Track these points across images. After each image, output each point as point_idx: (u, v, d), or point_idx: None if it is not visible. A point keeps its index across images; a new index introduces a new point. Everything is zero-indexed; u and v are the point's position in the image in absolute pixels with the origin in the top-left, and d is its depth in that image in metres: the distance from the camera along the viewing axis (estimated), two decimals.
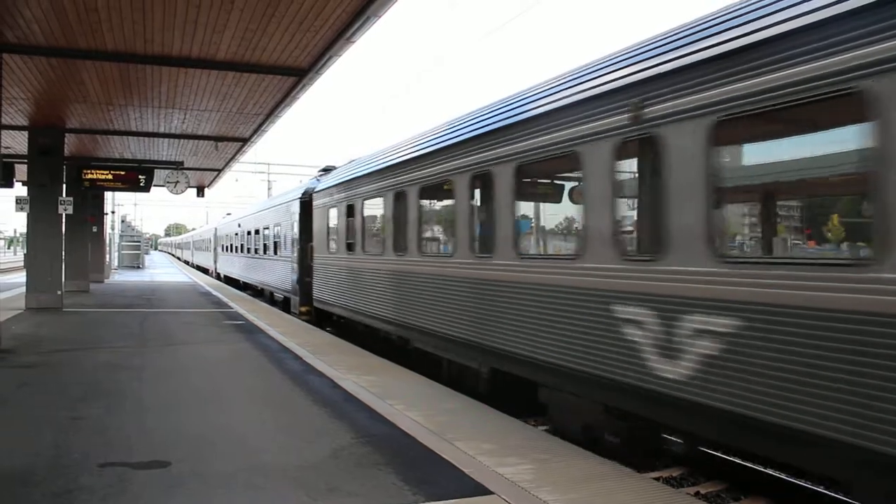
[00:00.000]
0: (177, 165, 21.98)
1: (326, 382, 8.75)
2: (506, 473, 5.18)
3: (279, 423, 6.71)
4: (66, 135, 17.69)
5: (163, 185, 22.72)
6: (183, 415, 6.99)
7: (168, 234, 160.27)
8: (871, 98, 3.99)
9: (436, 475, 5.16)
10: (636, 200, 6.47)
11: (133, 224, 67.60)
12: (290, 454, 5.65)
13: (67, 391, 7.91)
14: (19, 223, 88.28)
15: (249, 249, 27.57)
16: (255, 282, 26.46)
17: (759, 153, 6.29)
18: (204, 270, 47.27)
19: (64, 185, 17.89)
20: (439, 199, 10.47)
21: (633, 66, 5.98)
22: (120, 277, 34.69)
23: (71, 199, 17.26)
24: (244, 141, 18.84)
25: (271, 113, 15.18)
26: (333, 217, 14.90)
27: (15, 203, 16.71)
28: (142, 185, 20.53)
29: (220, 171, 25.65)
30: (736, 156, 6.01)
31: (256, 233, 25.81)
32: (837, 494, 6.06)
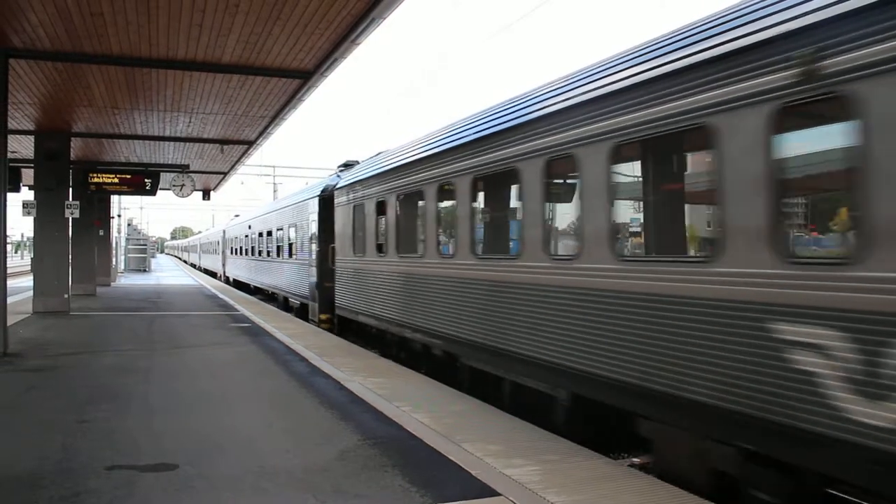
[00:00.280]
0: (182, 169, 22.04)
1: (333, 384, 8.75)
2: (513, 475, 5.17)
3: (286, 426, 6.71)
4: (73, 139, 17.75)
5: (169, 189, 22.83)
6: (190, 417, 6.99)
7: (174, 238, 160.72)
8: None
9: (443, 477, 5.15)
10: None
11: (139, 227, 67.87)
12: (297, 456, 5.65)
13: (75, 394, 7.93)
14: (26, 227, 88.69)
15: (261, 252, 26.30)
16: (267, 286, 25.17)
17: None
18: (212, 274, 46.73)
19: (70, 189, 17.98)
20: (502, 191, 9.12)
21: None
22: (126, 281, 34.80)
23: (77, 202, 17.34)
24: (250, 144, 18.87)
25: (277, 115, 15.20)
26: (360, 215, 13.35)
27: (22, 207, 16.77)
28: (148, 188, 20.64)
29: (225, 174, 25.70)
30: None
31: (269, 234, 24.46)
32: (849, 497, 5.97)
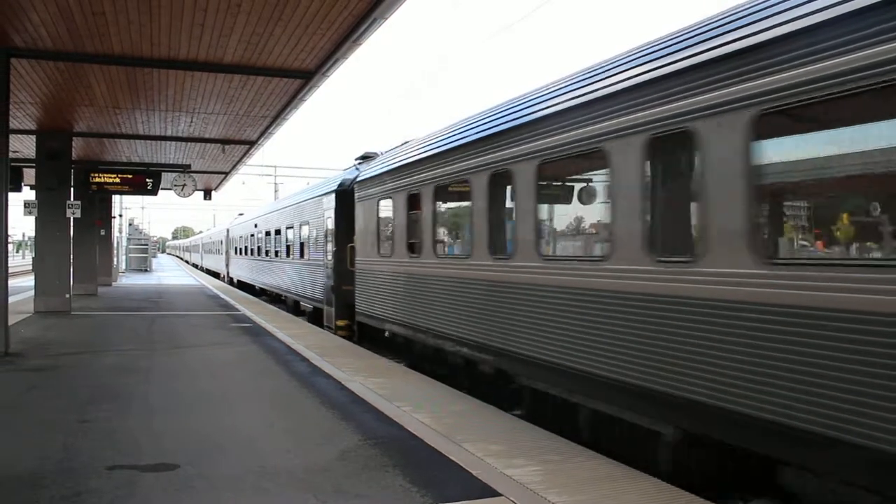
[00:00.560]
0: (184, 168, 22.05)
1: (334, 384, 8.75)
2: (514, 475, 5.16)
3: (287, 426, 6.70)
4: (74, 138, 17.77)
5: (170, 189, 22.84)
6: (191, 417, 6.99)
7: (175, 237, 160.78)
8: None
9: (443, 477, 5.14)
10: None
11: (140, 227, 67.93)
12: (298, 456, 5.65)
13: (76, 394, 7.93)
14: (28, 227, 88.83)
15: (268, 252, 24.91)
16: (274, 288, 23.85)
17: None
18: (215, 275, 45.72)
19: (72, 189, 17.98)
20: (578, 178, 7.91)
21: None
22: (128, 281, 34.82)
23: (79, 202, 17.33)
24: (251, 144, 18.88)
25: (278, 115, 15.21)
26: (387, 211, 11.91)
27: (23, 207, 16.78)
28: (149, 188, 20.65)
29: (227, 174, 25.71)
30: None
31: (277, 233, 23.07)
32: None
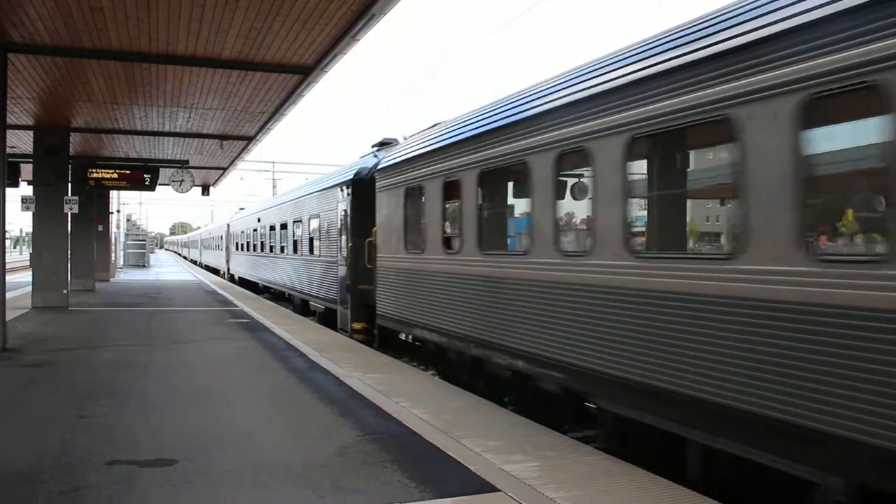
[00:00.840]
0: (182, 164, 22.02)
1: (332, 380, 8.76)
2: (512, 471, 5.17)
3: (285, 421, 6.71)
4: (72, 134, 17.74)
5: (168, 184, 22.80)
6: (189, 412, 6.99)
7: (173, 233, 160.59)
8: None
9: (442, 472, 5.15)
10: None
11: (138, 223, 67.83)
12: (296, 452, 5.65)
13: (74, 389, 7.93)
14: (25, 222, 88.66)
15: (273, 248, 23.59)
16: (280, 286, 22.53)
17: None
18: (214, 271, 44.50)
19: (69, 185, 17.95)
20: (675, 158, 6.81)
21: None
22: (125, 276, 34.78)
23: (76, 198, 17.34)
24: (249, 139, 18.86)
25: (276, 111, 15.19)
26: (416, 201, 10.60)
27: (21, 202, 16.77)
28: (147, 183, 20.61)
29: (225, 169, 25.69)
30: None
31: (283, 227, 21.82)
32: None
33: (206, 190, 28.90)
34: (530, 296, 7.44)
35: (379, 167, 12.45)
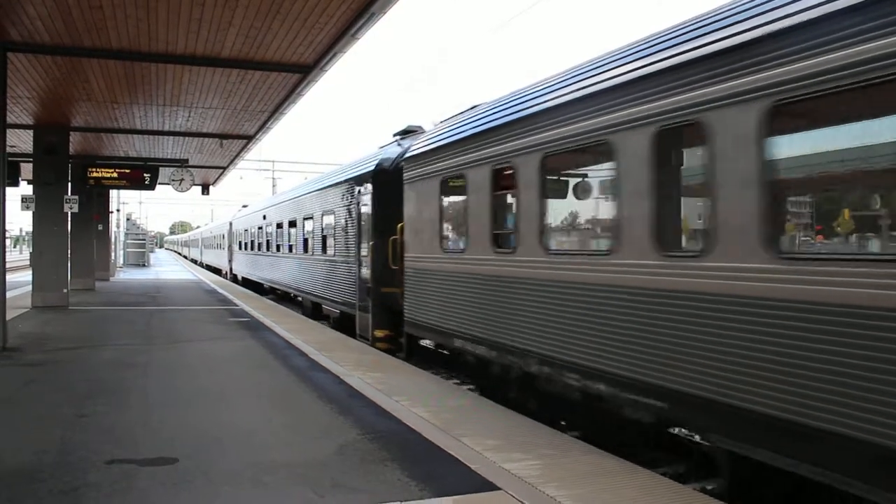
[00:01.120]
0: (182, 163, 22.00)
1: (332, 379, 8.75)
2: (512, 469, 5.16)
3: (285, 420, 6.70)
4: (72, 133, 17.74)
5: (168, 183, 22.78)
6: (189, 412, 6.99)
7: (173, 232, 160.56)
8: None
9: (442, 471, 5.14)
10: None
11: (138, 222, 67.81)
12: (296, 450, 5.65)
13: (74, 388, 7.93)
14: (25, 222, 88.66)
15: (279, 246, 22.49)
16: (287, 287, 21.28)
17: None
18: (216, 271, 43.31)
19: (69, 184, 17.94)
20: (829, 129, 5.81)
21: None
22: (125, 275, 34.78)
23: (76, 197, 17.33)
24: (249, 138, 18.85)
25: (276, 110, 15.18)
26: (457, 193, 9.50)
27: (21, 202, 16.76)
28: (147, 183, 20.58)
29: (224, 168, 25.69)
30: None
31: (292, 225, 20.61)
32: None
33: (205, 189, 28.88)
34: (617, 307, 6.13)
35: (407, 156, 11.21)
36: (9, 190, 11.46)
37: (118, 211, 46.63)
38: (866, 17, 4.08)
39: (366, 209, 13.16)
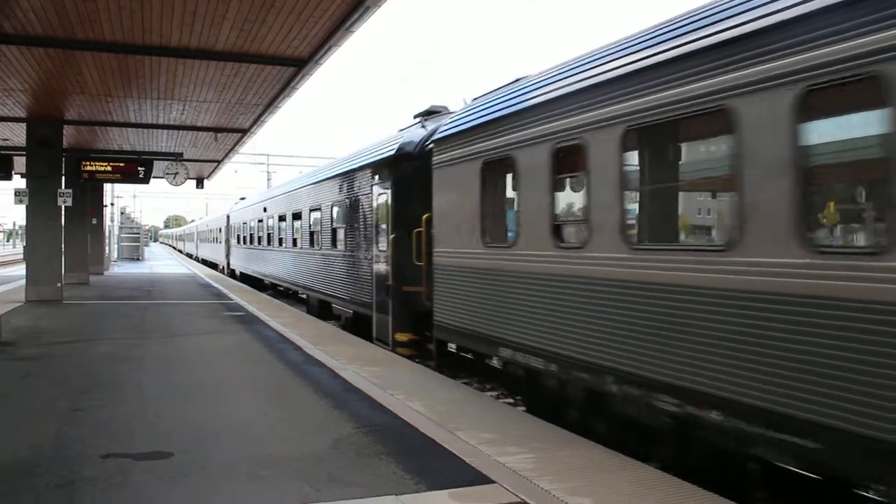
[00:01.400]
0: (176, 157, 21.93)
1: (327, 373, 8.76)
2: (507, 462, 5.18)
3: (281, 414, 6.71)
4: (65, 126, 17.65)
5: (162, 177, 22.70)
6: (184, 406, 6.99)
7: (167, 226, 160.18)
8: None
9: (437, 464, 5.16)
10: None
11: (132, 216, 67.61)
12: (292, 444, 5.66)
13: (69, 383, 7.92)
14: (18, 216, 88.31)
15: (282, 240, 21.21)
16: (291, 284, 20.18)
17: None
18: (212, 266, 41.58)
19: (63, 177, 17.89)
20: None
21: None
22: (120, 269, 34.69)
23: (70, 191, 17.26)
24: (244, 132, 18.80)
25: (271, 104, 15.14)
26: (502, 177, 8.41)
27: (14, 195, 16.70)
28: (141, 176, 20.52)
29: (219, 162, 25.61)
30: None
31: (296, 217, 19.25)
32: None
33: (200, 183, 28.84)
34: (740, 316, 4.80)
35: (437, 137, 9.78)
36: (2, 183, 11.44)
37: (112, 205, 46.51)
38: None
39: (385, 198, 11.94)
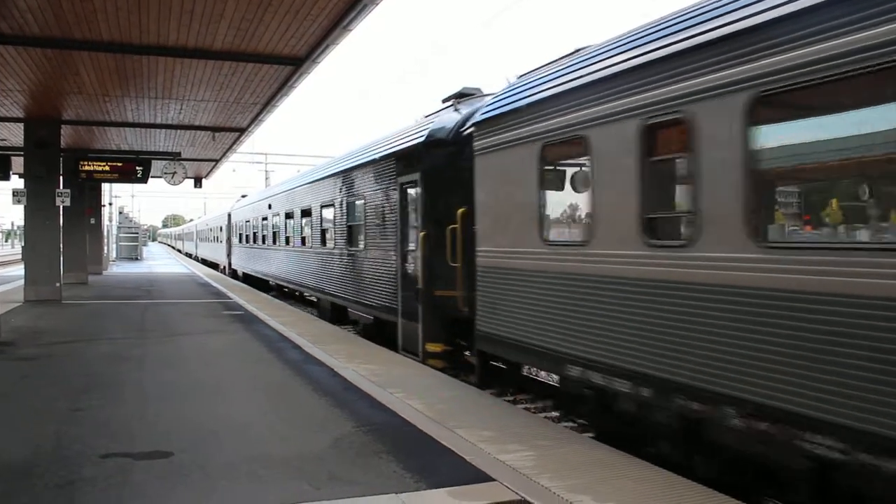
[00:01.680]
0: (174, 156, 21.90)
1: (326, 372, 8.77)
2: (507, 460, 5.19)
3: (280, 413, 6.72)
4: (63, 126, 17.61)
5: (160, 176, 22.67)
6: (184, 405, 6.99)
7: (166, 226, 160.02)
8: None
9: (437, 463, 5.17)
10: None
11: (131, 215, 67.52)
12: (292, 443, 5.66)
13: (68, 382, 7.92)
14: (17, 216, 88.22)
15: (289, 239, 20.14)
16: (300, 286, 19.03)
17: None
18: (213, 266, 40.42)
19: (61, 177, 17.87)
20: None
21: None
22: (118, 269, 34.66)
23: (68, 191, 17.26)
24: (241, 131, 18.77)
25: (268, 102, 15.12)
26: (568, 162, 7.39)
27: (12, 195, 16.69)
28: (139, 176, 20.51)
29: (217, 161, 25.57)
30: None
31: (305, 214, 17.99)
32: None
33: (198, 182, 28.83)
34: None
35: (480, 118, 8.54)
36: (0, 184, 11.40)
37: (110, 204, 46.41)
38: None
39: (413, 191, 10.72)
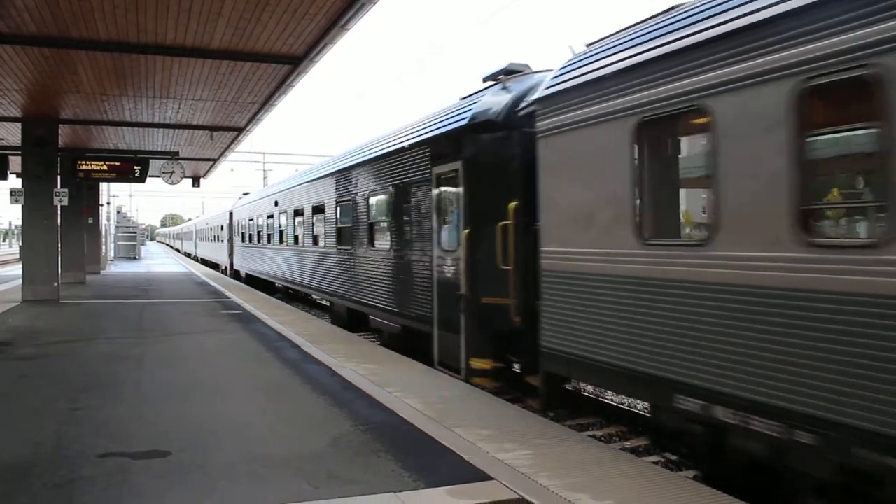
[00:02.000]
0: (172, 155, 21.88)
1: (325, 371, 8.77)
2: (505, 459, 5.20)
3: (279, 412, 6.72)
4: (60, 126, 17.58)
5: (158, 176, 22.67)
6: (183, 405, 7.00)
7: (164, 225, 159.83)
8: None
9: (435, 461, 5.18)
10: None
11: (129, 215, 67.45)
12: (291, 443, 5.67)
13: (67, 382, 7.92)
14: (14, 215, 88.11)
15: (298, 238, 18.58)
16: (310, 289, 17.71)
17: None
18: (213, 266, 39.36)
19: (59, 177, 17.85)
20: None
21: None
22: (116, 268, 34.64)
23: (66, 190, 17.26)
24: (239, 130, 18.76)
25: (266, 102, 15.11)
26: (677, 142, 6.48)
27: (10, 195, 16.67)
28: (137, 175, 20.48)
29: (215, 160, 25.54)
30: None
31: (318, 211, 16.47)
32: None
33: (196, 181, 28.79)
34: None
35: (545, 94, 7.21)
36: None
37: (108, 204, 46.35)
38: None
39: (452, 183, 9.36)
